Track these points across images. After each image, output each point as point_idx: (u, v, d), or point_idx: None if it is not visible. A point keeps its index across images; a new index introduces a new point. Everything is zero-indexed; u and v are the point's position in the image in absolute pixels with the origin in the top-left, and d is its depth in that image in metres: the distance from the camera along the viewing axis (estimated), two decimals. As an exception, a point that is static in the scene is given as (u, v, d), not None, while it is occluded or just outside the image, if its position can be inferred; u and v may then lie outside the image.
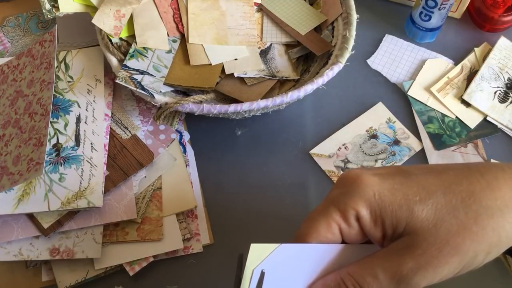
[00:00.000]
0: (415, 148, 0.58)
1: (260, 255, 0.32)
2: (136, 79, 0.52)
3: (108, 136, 0.54)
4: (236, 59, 0.58)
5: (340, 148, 0.58)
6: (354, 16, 0.57)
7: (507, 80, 0.61)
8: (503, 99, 0.60)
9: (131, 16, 0.56)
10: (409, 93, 0.61)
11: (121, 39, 0.56)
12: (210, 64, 0.57)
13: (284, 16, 0.62)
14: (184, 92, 0.57)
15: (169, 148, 0.55)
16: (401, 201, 0.30)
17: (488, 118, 0.59)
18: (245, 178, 0.56)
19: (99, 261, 0.49)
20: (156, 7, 0.58)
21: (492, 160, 0.57)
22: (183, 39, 0.59)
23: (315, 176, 0.56)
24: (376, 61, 0.64)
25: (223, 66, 0.57)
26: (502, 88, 0.61)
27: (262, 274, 0.32)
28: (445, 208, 0.30)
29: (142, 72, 0.53)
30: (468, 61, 0.63)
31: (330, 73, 0.52)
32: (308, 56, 0.61)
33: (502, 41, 0.63)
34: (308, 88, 0.51)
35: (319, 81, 0.52)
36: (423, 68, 0.63)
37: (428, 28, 0.63)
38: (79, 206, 0.48)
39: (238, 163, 0.57)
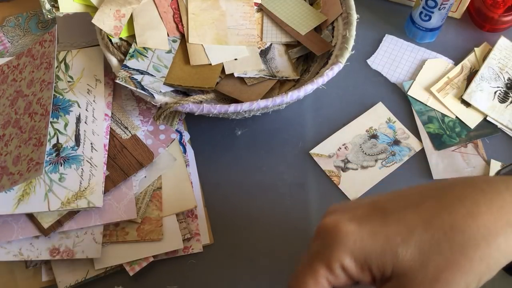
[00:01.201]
0: (415, 148, 0.58)
1: None
2: (136, 79, 0.52)
3: (108, 136, 0.54)
4: (236, 59, 0.58)
5: (340, 148, 0.58)
6: (354, 16, 0.57)
7: (507, 80, 0.61)
8: (503, 99, 0.60)
9: (131, 16, 0.56)
10: (409, 93, 0.61)
11: (121, 39, 0.56)
12: (210, 64, 0.57)
13: (284, 16, 0.62)
14: (184, 92, 0.57)
15: (169, 148, 0.55)
16: (384, 245, 0.30)
17: (488, 118, 0.59)
18: (245, 178, 0.56)
19: (99, 261, 0.49)
20: (156, 7, 0.58)
21: (492, 160, 0.57)
22: (183, 39, 0.59)
23: (315, 176, 0.56)
24: (376, 61, 0.64)
25: (223, 66, 0.57)
26: (502, 88, 0.61)
27: None
28: (429, 245, 0.29)
29: (142, 72, 0.53)
30: (468, 61, 0.63)
31: (330, 73, 0.52)
32: (308, 56, 0.61)
33: (502, 41, 0.63)
34: (308, 88, 0.51)
35: (319, 81, 0.52)
36: (423, 68, 0.63)
37: (428, 28, 0.63)
38: (79, 206, 0.48)
39: (238, 163, 0.57)
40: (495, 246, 0.29)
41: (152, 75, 0.54)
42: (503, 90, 0.60)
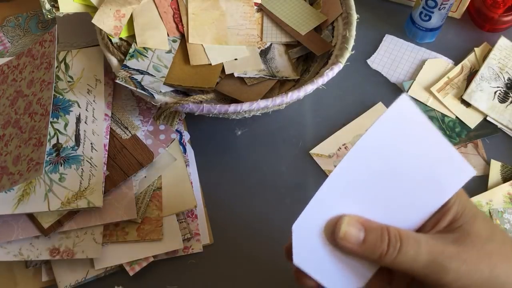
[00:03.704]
0: (415, 148, 0.58)
1: None
2: (136, 79, 0.52)
3: (108, 136, 0.54)
4: (236, 59, 0.58)
5: (340, 148, 0.58)
6: (354, 16, 0.57)
7: (507, 80, 0.61)
8: (503, 99, 0.60)
9: (131, 16, 0.56)
10: (409, 93, 0.61)
11: (121, 39, 0.56)
12: (210, 64, 0.57)
13: (284, 16, 0.62)
14: (184, 92, 0.57)
15: (169, 148, 0.55)
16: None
17: (488, 118, 0.59)
18: (245, 178, 0.56)
19: (99, 261, 0.49)
20: (156, 7, 0.58)
21: (492, 160, 0.57)
22: (183, 39, 0.59)
23: (315, 176, 0.56)
24: (376, 61, 0.64)
25: (223, 66, 0.57)
26: (502, 88, 0.61)
27: None
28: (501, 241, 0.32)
29: (142, 72, 0.53)
30: (468, 61, 0.63)
31: (330, 73, 0.52)
32: (308, 56, 0.61)
33: (502, 41, 0.63)
34: (308, 88, 0.51)
35: (319, 81, 0.52)
36: (423, 68, 0.63)
37: (428, 28, 0.63)
38: (79, 206, 0.49)
39: (238, 163, 0.57)
40: None
41: (152, 75, 0.54)
42: (503, 90, 0.60)
